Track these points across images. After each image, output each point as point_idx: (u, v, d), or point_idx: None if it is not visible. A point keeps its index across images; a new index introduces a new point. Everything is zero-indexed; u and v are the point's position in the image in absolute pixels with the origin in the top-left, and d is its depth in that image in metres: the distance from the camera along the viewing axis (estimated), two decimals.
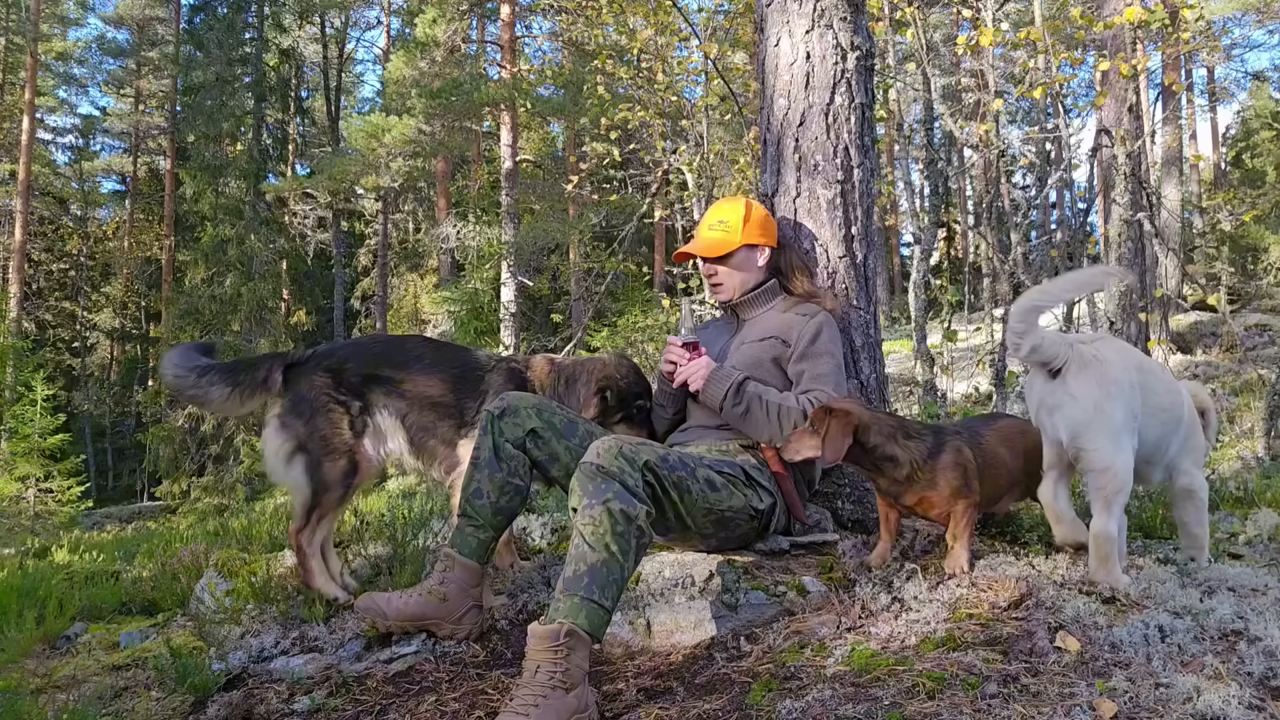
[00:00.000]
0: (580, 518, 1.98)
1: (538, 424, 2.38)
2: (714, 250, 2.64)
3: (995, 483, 2.38)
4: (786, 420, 2.39)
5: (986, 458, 2.34)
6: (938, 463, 2.24)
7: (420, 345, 2.96)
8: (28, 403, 13.70)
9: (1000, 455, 2.39)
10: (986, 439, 2.39)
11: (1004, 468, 2.40)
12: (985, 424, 2.50)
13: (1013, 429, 2.49)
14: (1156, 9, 5.96)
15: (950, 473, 2.24)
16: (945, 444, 2.26)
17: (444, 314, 17.36)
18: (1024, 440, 2.44)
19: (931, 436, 2.28)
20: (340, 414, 2.68)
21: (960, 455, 2.26)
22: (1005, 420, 2.58)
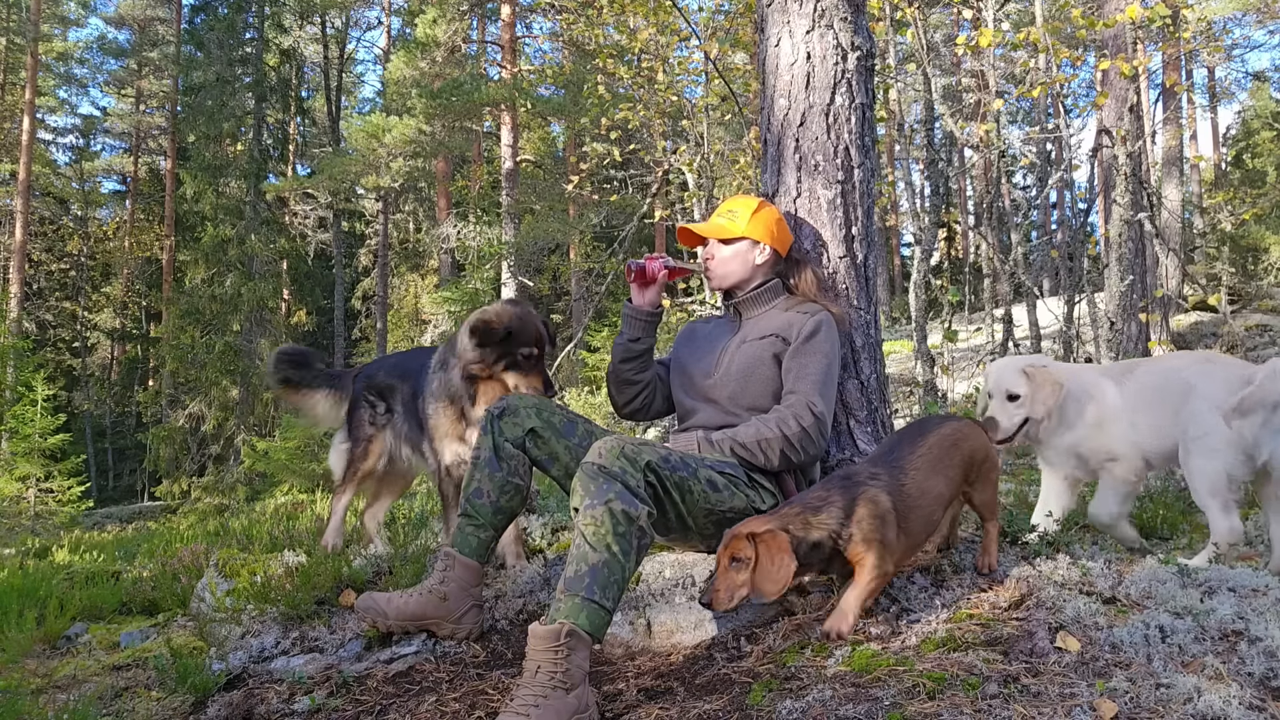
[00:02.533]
0: (581, 518, 1.98)
1: (537, 423, 2.38)
2: (715, 233, 2.65)
3: (927, 519, 2.11)
4: (771, 449, 2.35)
5: (912, 497, 2.06)
6: (851, 524, 1.97)
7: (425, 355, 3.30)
8: (28, 403, 13.70)
9: (930, 487, 2.10)
10: (911, 472, 2.09)
11: (935, 498, 2.12)
12: (912, 446, 2.16)
13: (944, 443, 2.19)
14: (1157, 7, 5.95)
15: (865, 525, 1.97)
16: (858, 500, 1.99)
17: (444, 314, 17.35)
18: (958, 452, 2.19)
19: (841, 497, 2.00)
20: (367, 410, 3.32)
21: (876, 508, 1.99)
22: (935, 435, 2.20)
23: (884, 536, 1.98)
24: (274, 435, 15.83)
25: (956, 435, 2.21)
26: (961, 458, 2.19)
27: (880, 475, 2.06)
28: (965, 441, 2.20)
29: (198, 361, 18.76)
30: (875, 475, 2.06)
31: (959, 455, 2.18)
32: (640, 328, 2.70)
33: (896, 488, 2.04)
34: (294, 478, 13.20)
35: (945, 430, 2.23)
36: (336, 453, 3.42)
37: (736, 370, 2.54)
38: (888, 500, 2.01)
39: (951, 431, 2.22)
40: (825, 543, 1.95)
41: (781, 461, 2.37)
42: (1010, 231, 8.05)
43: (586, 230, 15.79)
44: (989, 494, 2.28)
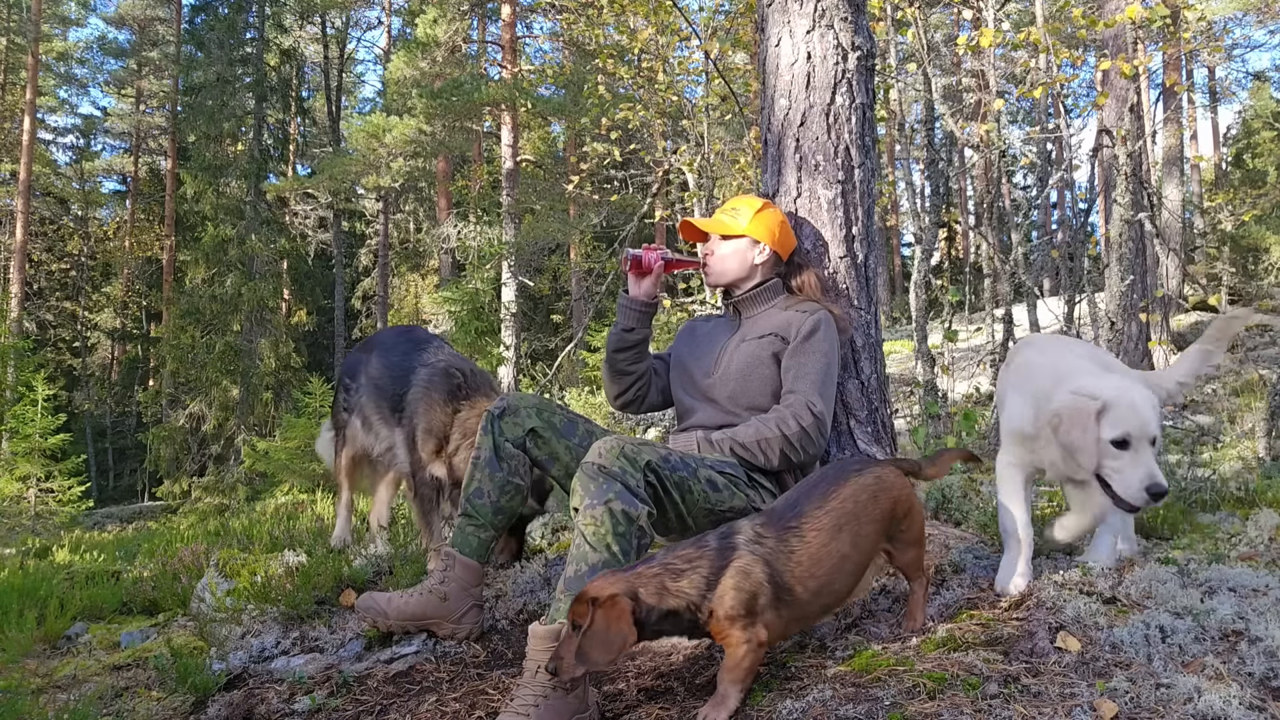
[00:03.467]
0: (582, 518, 1.98)
1: (537, 423, 2.38)
2: (717, 228, 2.65)
3: (825, 589, 1.81)
4: (771, 449, 2.35)
5: (804, 566, 1.78)
6: (712, 597, 1.71)
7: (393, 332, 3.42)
8: (28, 403, 13.70)
9: (833, 552, 1.82)
10: (810, 535, 1.81)
11: (839, 564, 1.82)
12: (820, 500, 1.87)
13: (859, 496, 1.89)
14: (1158, 7, 5.95)
15: (727, 602, 1.71)
16: (726, 569, 1.72)
17: (444, 314, 17.34)
18: (877, 507, 1.90)
19: (709, 564, 1.73)
20: (343, 394, 3.32)
21: (745, 581, 1.72)
22: (850, 486, 1.90)
23: (752, 612, 1.71)
24: (274, 435, 15.83)
25: (876, 487, 1.92)
26: (880, 513, 1.90)
27: (765, 539, 1.77)
28: (886, 494, 1.92)
29: (198, 361, 18.77)
30: (759, 539, 1.78)
31: (877, 510, 1.89)
32: (634, 318, 2.70)
33: (783, 555, 1.76)
34: (294, 478, 13.20)
35: (863, 481, 1.92)
36: (322, 441, 3.47)
37: (736, 369, 2.54)
38: (763, 573, 1.73)
39: (872, 482, 1.93)
40: (682, 613, 1.70)
41: (781, 461, 2.37)
42: (1010, 231, 8.05)
43: (586, 230, 15.79)
44: (915, 551, 2.00)
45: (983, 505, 3.30)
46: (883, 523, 1.91)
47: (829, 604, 1.86)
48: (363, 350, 3.34)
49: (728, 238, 2.63)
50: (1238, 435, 6.45)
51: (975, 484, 4.55)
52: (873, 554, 1.92)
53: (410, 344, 3.17)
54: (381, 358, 3.18)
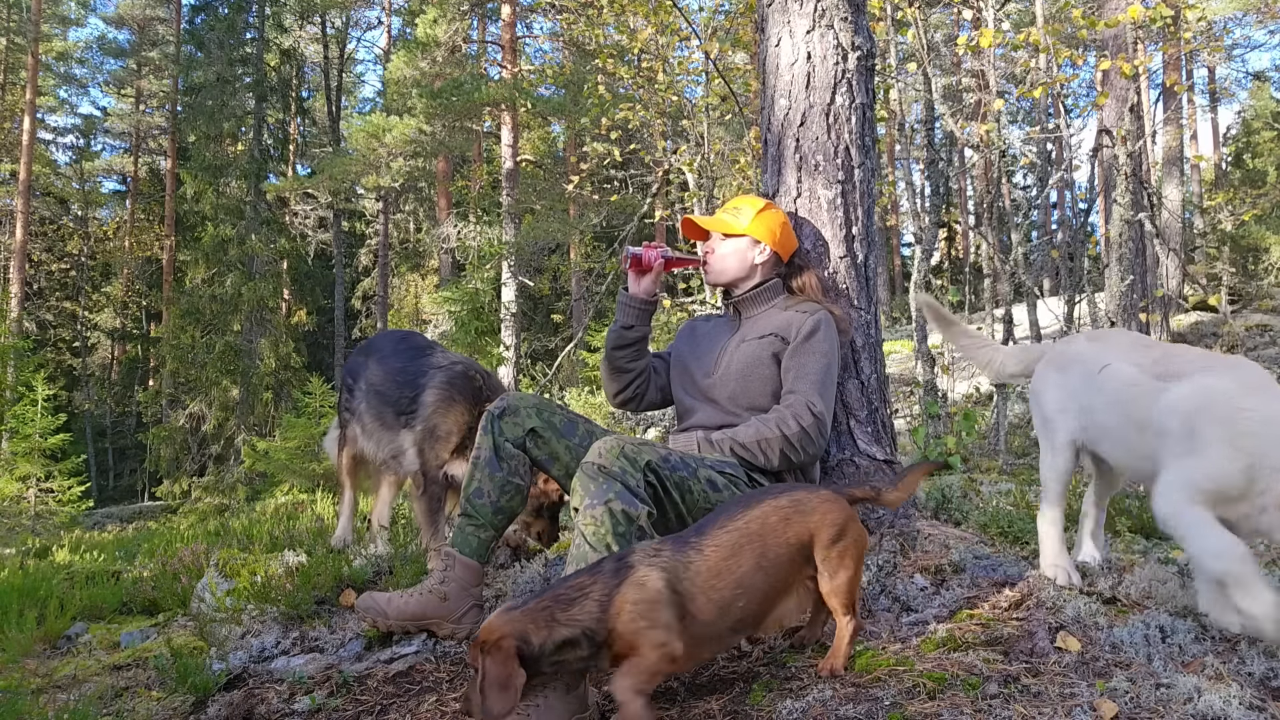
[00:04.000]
0: (581, 518, 1.98)
1: (537, 423, 2.38)
2: (718, 226, 2.65)
3: (728, 608, 1.73)
4: (771, 449, 2.35)
5: (703, 578, 1.72)
6: (609, 617, 1.66)
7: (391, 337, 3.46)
8: (28, 403, 13.70)
9: (734, 569, 1.74)
10: (710, 549, 1.75)
11: (741, 582, 1.74)
12: (726, 519, 1.82)
13: (769, 518, 1.82)
14: (1159, 7, 5.95)
15: (625, 616, 1.65)
16: (621, 586, 1.68)
17: (444, 314, 17.35)
18: (789, 530, 1.81)
19: (602, 586, 1.69)
20: (344, 395, 3.34)
21: (641, 592, 1.67)
22: (760, 508, 1.84)
23: (656, 622, 1.65)
24: (274, 435, 15.83)
25: (791, 510, 1.83)
26: (795, 538, 1.81)
27: (663, 551, 1.75)
28: (802, 519, 1.82)
29: (198, 361, 18.77)
30: (655, 552, 1.74)
31: (790, 534, 1.81)
32: (634, 315, 2.70)
33: (681, 566, 1.72)
34: (294, 478, 13.20)
35: (777, 504, 1.85)
36: (329, 439, 3.51)
37: (736, 370, 2.54)
38: (660, 580, 1.68)
39: (787, 505, 1.84)
40: (580, 641, 1.64)
41: (782, 461, 2.37)
42: (1010, 231, 8.05)
43: (586, 230, 15.79)
44: (842, 582, 1.84)
45: (982, 505, 3.30)
46: (798, 548, 1.81)
47: (737, 624, 1.77)
48: (361, 354, 3.36)
49: (728, 236, 2.63)
50: None
51: (975, 484, 4.55)
52: (789, 580, 1.82)
53: (413, 350, 3.20)
54: (381, 364, 3.19)
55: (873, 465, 2.78)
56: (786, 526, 1.81)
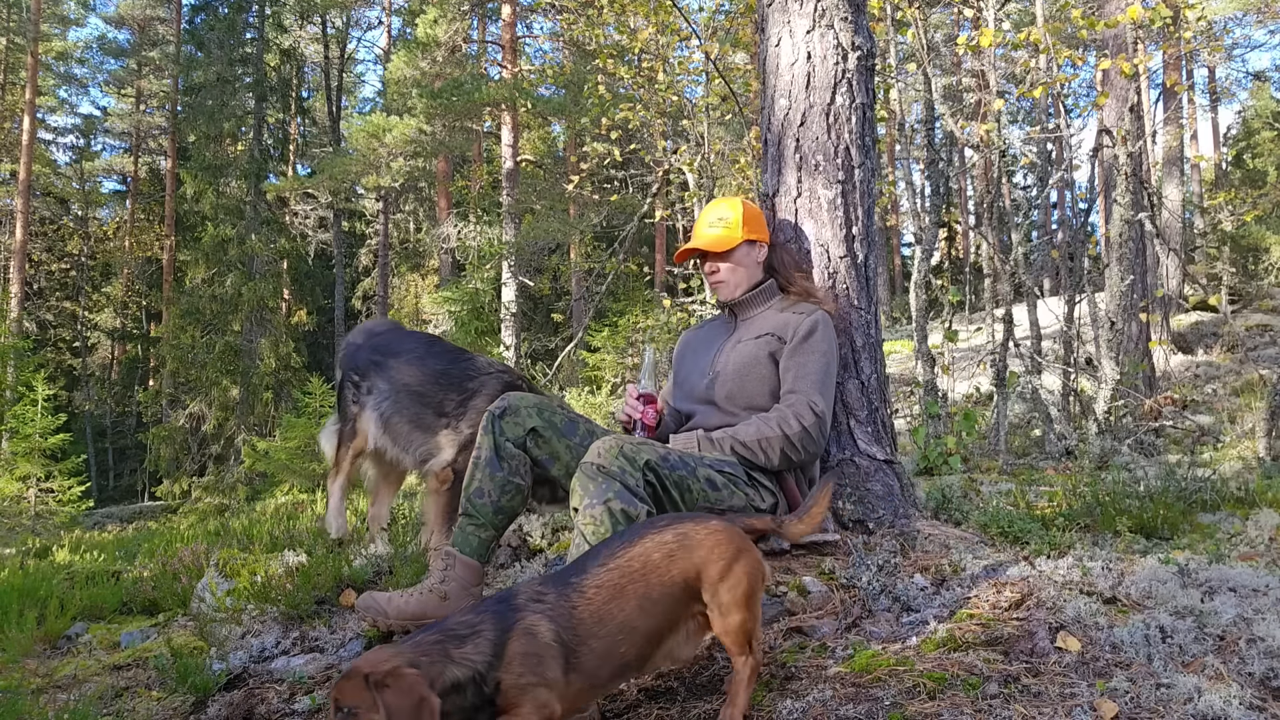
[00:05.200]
0: (581, 517, 1.98)
1: (538, 423, 2.38)
2: (716, 246, 2.63)
3: (610, 654, 1.62)
4: (771, 449, 2.35)
5: (586, 625, 1.61)
6: (501, 666, 1.54)
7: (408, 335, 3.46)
8: (28, 403, 13.70)
9: (615, 613, 1.63)
10: (591, 591, 1.64)
11: (624, 626, 1.63)
12: (607, 556, 1.70)
13: (653, 553, 1.69)
14: (1159, 7, 5.95)
15: (515, 668, 1.54)
16: (512, 632, 1.57)
17: (444, 314, 17.35)
18: (675, 567, 1.68)
19: (493, 626, 1.57)
20: (351, 389, 3.28)
21: (531, 643, 1.56)
22: (643, 543, 1.71)
23: (543, 678, 1.54)
24: (274, 435, 15.83)
25: (675, 545, 1.70)
26: (680, 573, 1.68)
27: (546, 596, 1.63)
28: (687, 553, 1.69)
29: (198, 361, 18.77)
30: (540, 596, 1.63)
31: (675, 570, 1.68)
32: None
33: (566, 613, 1.61)
34: (294, 478, 13.20)
35: (660, 538, 1.71)
36: (326, 434, 3.42)
37: (733, 370, 2.54)
38: (549, 631, 1.58)
39: (671, 539, 1.71)
40: (468, 686, 1.51)
41: (782, 461, 2.37)
42: (1010, 231, 8.05)
43: (586, 230, 15.79)
44: (738, 620, 1.69)
45: (982, 505, 3.30)
46: (683, 585, 1.68)
47: (622, 668, 1.65)
48: (376, 354, 3.28)
49: (729, 252, 2.63)
50: (1238, 435, 6.45)
51: (975, 484, 4.55)
52: (676, 618, 1.69)
53: (450, 352, 3.24)
54: (418, 366, 3.17)
55: (873, 465, 2.78)
56: (671, 563, 1.68)
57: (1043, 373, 8.04)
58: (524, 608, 1.60)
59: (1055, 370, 7.78)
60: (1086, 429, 6.65)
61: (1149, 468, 4.55)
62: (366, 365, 3.27)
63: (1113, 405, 6.63)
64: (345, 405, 3.33)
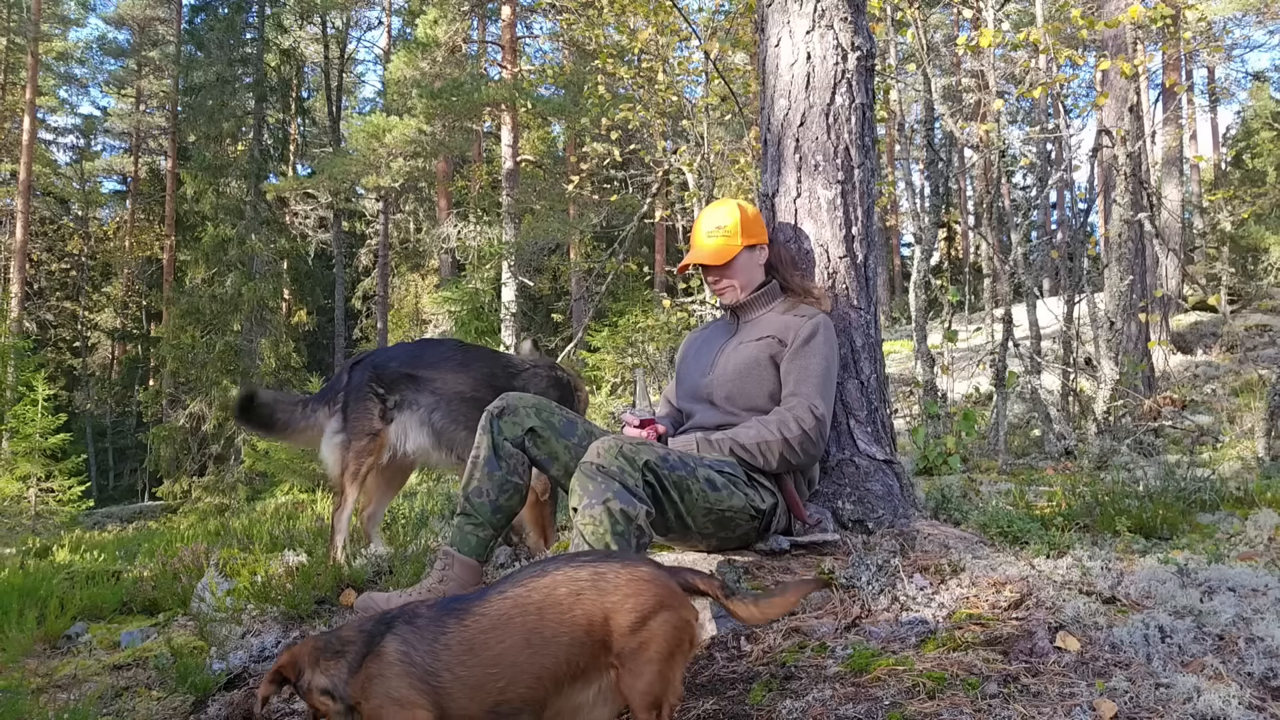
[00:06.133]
0: (580, 517, 1.98)
1: (536, 423, 2.39)
2: (718, 258, 2.61)
3: (480, 690, 1.50)
4: (771, 452, 2.35)
5: (453, 653, 1.51)
6: (354, 684, 1.52)
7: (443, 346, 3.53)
8: (29, 402, 13.71)
9: (491, 647, 1.51)
10: (471, 620, 1.54)
11: (497, 661, 1.50)
12: (502, 586, 1.60)
13: (545, 592, 1.55)
14: (1159, 8, 5.95)
15: (363, 688, 1.51)
16: (371, 652, 1.53)
17: (445, 314, 17.36)
18: (569, 615, 1.52)
19: (364, 644, 1.55)
20: (376, 403, 3.25)
21: (379, 665, 1.52)
22: (542, 580, 1.58)
23: (394, 700, 1.48)
24: None
25: (587, 583, 1.55)
26: (583, 616, 1.52)
27: (418, 619, 1.56)
28: (599, 596, 1.53)
29: (198, 361, 18.77)
30: (412, 618, 1.56)
31: (577, 612, 1.53)
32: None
33: (431, 636, 1.53)
34: (294, 477, 13.21)
35: (574, 573, 1.57)
36: (331, 445, 3.26)
37: (733, 371, 2.54)
38: (397, 653, 1.51)
39: (586, 576, 1.56)
40: (333, 691, 1.53)
41: (781, 464, 2.37)
42: (1010, 231, 8.06)
43: (586, 230, 15.79)
44: (642, 684, 1.50)
45: (982, 505, 3.30)
46: (586, 629, 1.51)
47: (501, 705, 1.51)
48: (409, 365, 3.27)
49: (731, 261, 2.62)
50: (1237, 435, 6.45)
51: (975, 484, 4.56)
52: (579, 664, 1.52)
53: (488, 354, 3.33)
54: (466, 372, 3.21)
55: (872, 465, 2.78)
56: (576, 602, 1.53)
57: (1042, 373, 8.04)
58: (392, 627, 1.56)
59: (1055, 370, 7.79)
60: (1086, 429, 6.65)
61: (1148, 468, 4.55)
62: (395, 378, 3.25)
63: (1112, 405, 6.63)
64: (359, 418, 3.24)
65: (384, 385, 3.24)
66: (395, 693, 1.49)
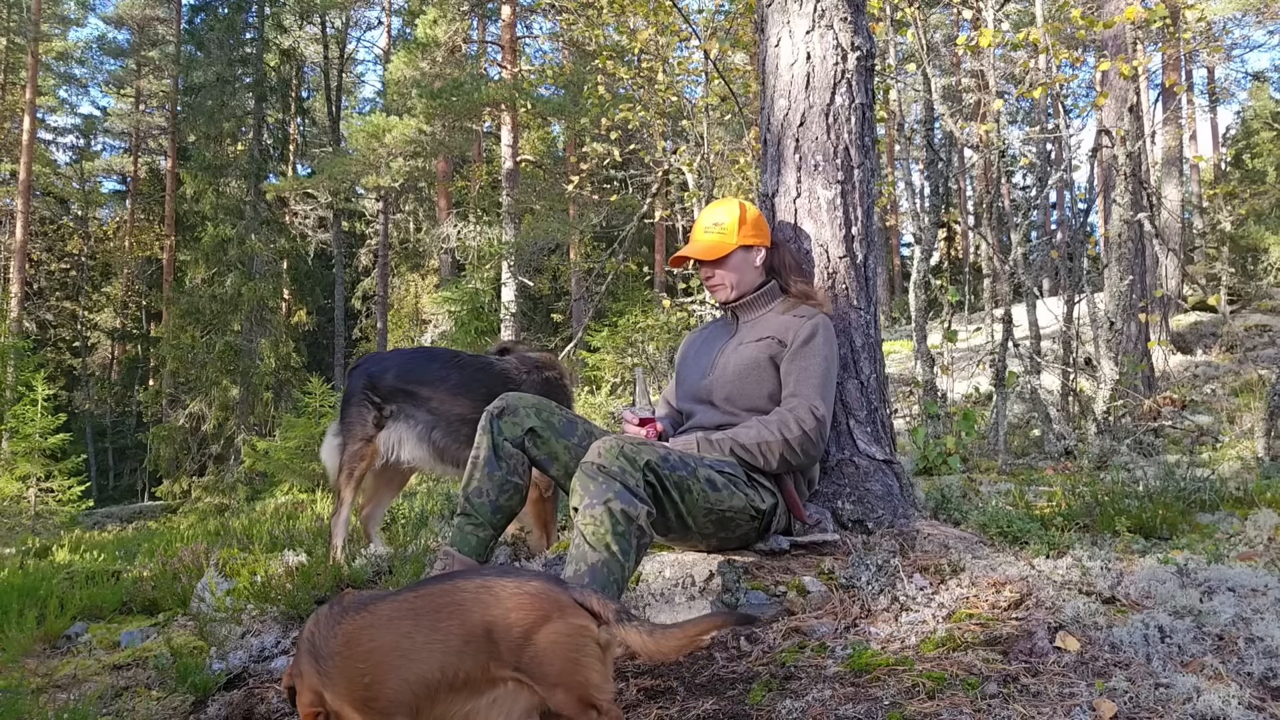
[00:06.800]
0: (581, 517, 1.98)
1: (536, 423, 2.39)
2: (710, 253, 2.62)
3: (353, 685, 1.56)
4: (771, 452, 2.35)
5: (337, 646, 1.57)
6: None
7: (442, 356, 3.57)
8: (28, 402, 13.70)
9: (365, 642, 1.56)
10: (363, 615, 1.59)
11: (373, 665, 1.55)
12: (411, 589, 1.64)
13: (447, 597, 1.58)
14: (1158, 8, 5.95)
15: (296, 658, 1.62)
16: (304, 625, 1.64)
17: (444, 314, 17.36)
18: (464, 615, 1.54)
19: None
20: (371, 410, 3.32)
21: (300, 643, 1.62)
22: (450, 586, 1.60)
23: (301, 674, 1.60)
24: (274, 435, 15.84)
25: (473, 595, 1.56)
26: (461, 627, 1.54)
27: (334, 606, 1.64)
28: (483, 608, 1.54)
29: (198, 361, 18.78)
30: (332, 605, 1.65)
31: (457, 622, 1.54)
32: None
33: (330, 625, 1.60)
34: (294, 477, 13.20)
35: (467, 583, 1.59)
36: (329, 448, 3.37)
37: (732, 371, 2.54)
38: (306, 633, 1.62)
39: (474, 589, 1.57)
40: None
41: (781, 464, 2.37)
42: (1010, 231, 8.06)
43: (586, 230, 15.80)
44: (564, 688, 1.51)
45: (982, 505, 3.30)
46: (464, 640, 1.52)
47: (370, 701, 1.54)
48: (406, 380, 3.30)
49: (725, 258, 2.63)
50: (1237, 435, 6.45)
51: (974, 484, 4.56)
52: (457, 672, 1.52)
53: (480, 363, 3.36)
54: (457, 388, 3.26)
55: (872, 465, 2.78)
56: (459, 612, 1.55)
57: (1042, 373, 8.04)
58: (319, 611, 1.66)
59: (1054, 370, 7.79)
60: (1086, 429, 6.66)
61: (1148, 468, 4.56)
62: (391, 390, 3.30)
63: (1112, 405, 6.63)
64: (358, 423, 3.29)
65: (377, 394, 3.31)
66: (301, 668, 1.61)
